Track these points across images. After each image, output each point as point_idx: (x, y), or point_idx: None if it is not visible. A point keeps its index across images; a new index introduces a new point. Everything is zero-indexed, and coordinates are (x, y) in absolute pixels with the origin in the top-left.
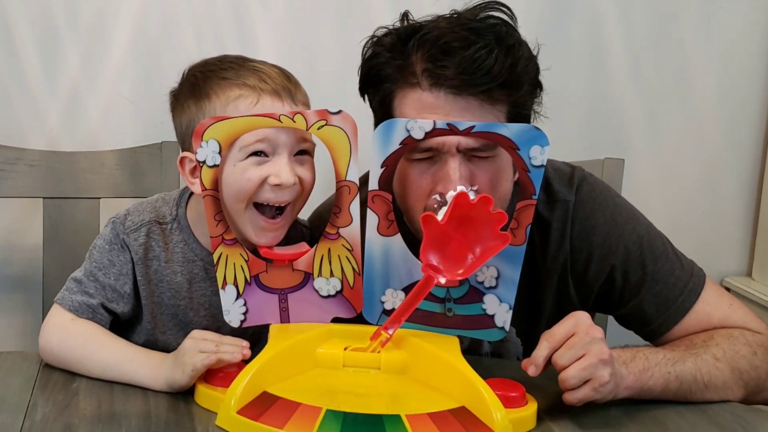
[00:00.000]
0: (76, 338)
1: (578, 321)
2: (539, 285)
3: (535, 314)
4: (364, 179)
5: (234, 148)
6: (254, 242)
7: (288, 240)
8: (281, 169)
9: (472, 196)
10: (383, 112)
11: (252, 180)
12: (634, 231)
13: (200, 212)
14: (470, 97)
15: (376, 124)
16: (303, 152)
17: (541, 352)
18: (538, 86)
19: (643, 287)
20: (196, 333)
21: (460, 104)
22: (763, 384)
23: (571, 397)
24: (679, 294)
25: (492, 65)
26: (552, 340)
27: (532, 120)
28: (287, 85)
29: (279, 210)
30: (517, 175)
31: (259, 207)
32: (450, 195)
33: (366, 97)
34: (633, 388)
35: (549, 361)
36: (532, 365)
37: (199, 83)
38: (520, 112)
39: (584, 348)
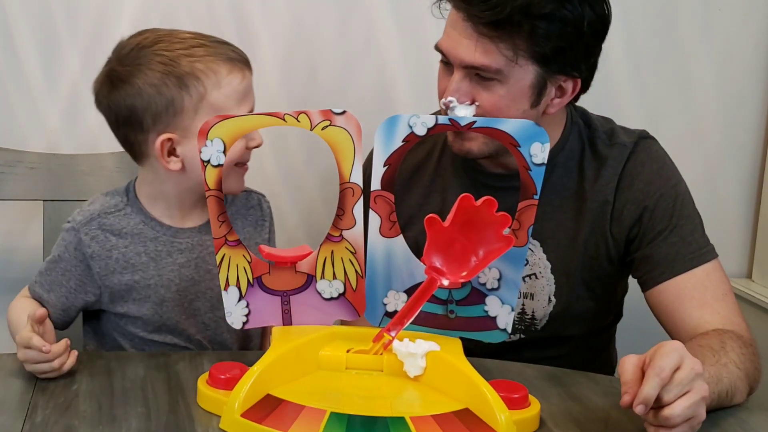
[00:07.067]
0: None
1: (681, 353)
2: (582, 216)
3: (571, 251)
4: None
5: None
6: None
7: (245, 209)
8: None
9: (471, 111)
10: None
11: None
12: (675, 188)
13: (153, 192)
14: (473, 26)
15: None
16: None
17: (652, 390)
18: (554, 33)
19: (662, 234)
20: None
21: (469, 32)
22: (757, 381)
23: None
24: (690, 253)
25: (496, 5)
26: (663, 375)
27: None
28: (244, 55)
29: None
30: (548, 108)
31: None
32: (444, 101)
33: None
34: None
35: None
36: (641, 404)
37: (174, 63)
38: (538, 51)
39: (690, 384)
